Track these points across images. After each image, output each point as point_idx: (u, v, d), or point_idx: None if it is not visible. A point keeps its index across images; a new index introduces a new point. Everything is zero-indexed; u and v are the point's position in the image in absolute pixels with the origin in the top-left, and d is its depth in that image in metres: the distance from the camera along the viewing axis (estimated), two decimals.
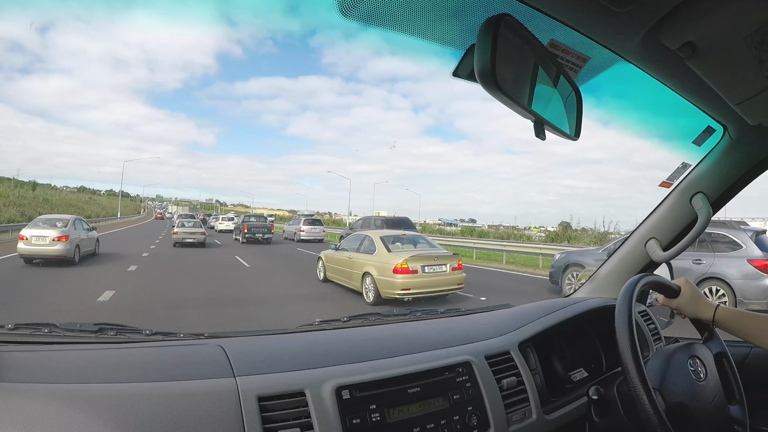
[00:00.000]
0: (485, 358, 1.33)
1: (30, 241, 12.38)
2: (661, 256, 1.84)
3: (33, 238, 12.40)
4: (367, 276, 9.47)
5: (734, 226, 9.33)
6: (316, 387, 1.06)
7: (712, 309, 1.41)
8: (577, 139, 1.08)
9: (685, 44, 0.98)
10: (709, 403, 1.30)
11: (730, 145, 1.65)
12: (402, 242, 10.36)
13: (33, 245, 12.36)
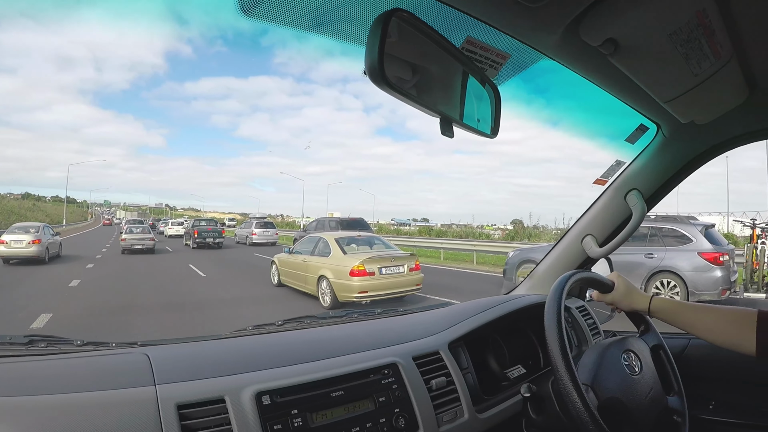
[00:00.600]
0: (413, 358, 1.32)
1: (9, 245, 15.15)
2: (598, 252, 1.88)
3: (12, 242, 15.20)
4: (323, 279, 9.35)
5: (684, 221, 9.76)
6: (236, 393, 1.04)
7: (647, 301, 1.42)
8: (494, 137, 1.07)
9: (606, 41, 0.98)
10: (644, 397, 1.31)
11: (664, 142, 1.69)
12: (357, 244, 10.28)
13: (12, 248, 15.14)
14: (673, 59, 1.06)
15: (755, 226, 11.14)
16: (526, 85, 1.37)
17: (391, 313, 1.82)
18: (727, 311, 1.33)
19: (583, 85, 1.28)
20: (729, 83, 1.27)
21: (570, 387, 1.11)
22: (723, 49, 1.08)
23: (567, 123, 1.75)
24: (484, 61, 1.10)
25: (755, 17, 1.02)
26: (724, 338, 1.29)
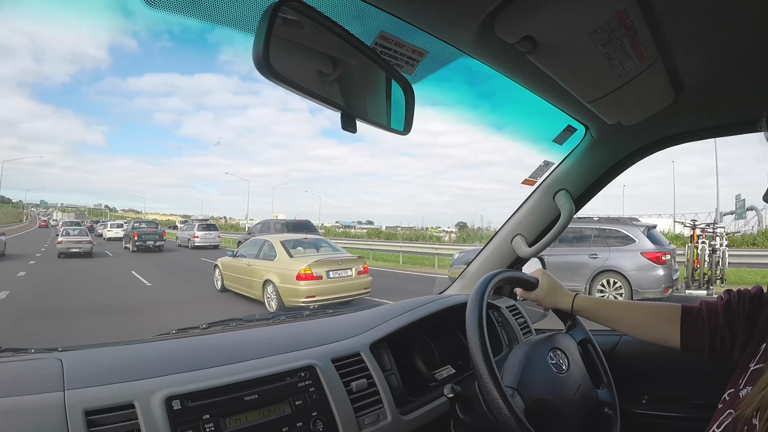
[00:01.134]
0: (332, 360, 1.30)
1: None
2: (527, 251, 1.89)
3: None
4: (269, 284, 9.18)
5: (627, 222, 10.11)
6: (146, 398, 1.00)
7: (571, 299, 1.43)
8: (406, 133, 1.05)
9: (523, 38, 0.97)
10: (573, 394, 1.31)
11: (592, 143, 1.71)
12: (304, 246, 10.13)
13: None
14: (595, 59, 1.06)
15: (695, 226, 11.73)
16: (449, 83, 1.37)
17: (319, 315, 1.80)
18: (651, 307, 1.35)
19: (509, 84, 1.27)
20: (655, 85, 1.28)
21: (494, 393, 1.09)
22: (647, 50, 1.08)
23: (497, 123, 1.78)
24: (400, 57, 1.08)
25: (678, 19, 1.02)
26: (650, 334, 1.31)
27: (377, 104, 1.01)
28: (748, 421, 0.80)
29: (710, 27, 1.04)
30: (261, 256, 9.78)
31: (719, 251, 11.51)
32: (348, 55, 0.92)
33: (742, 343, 1.12)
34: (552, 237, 1.81)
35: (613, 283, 9.68)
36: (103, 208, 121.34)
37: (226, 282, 10.85)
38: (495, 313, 1.84)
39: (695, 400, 1.81)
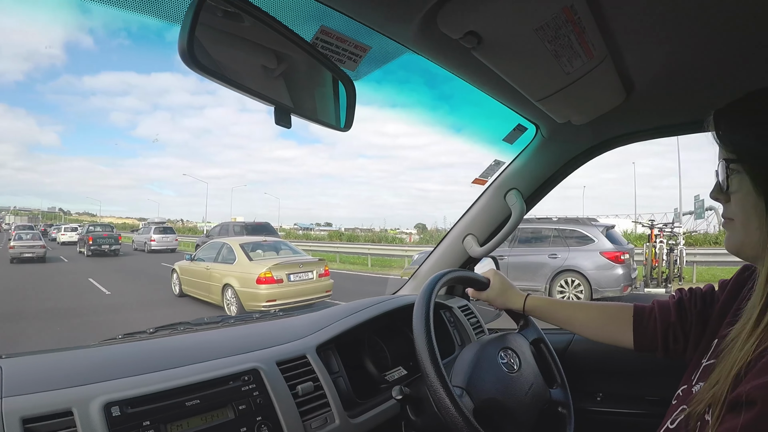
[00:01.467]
0: (277, 364, 1.27)
1: None
2: (478, 251, 1.89)
3: None
4: (228, 288, 9.02)
5: (586, 222, 10.30)
6: (84, 405, 0.97)
7: (522, 299, 1.44)
8: (346, 130, 1.03)
9: (467, 34, 0.95)
10: (524, 393, 1.30)
11: (543, 142, 1.71)
12: (263, 249, 10.03)
13: None
14: (542, 56, 1.05)
15: (653, 226, 12.01)
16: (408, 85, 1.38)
17: (269, 318, 1.77)
18: (603, 307, 1.36)
19: (467, 85, 1.27)
20: (605, 84, 1.28)
21: (441, 393, 1.08)
22: (596, 48, 1.07)
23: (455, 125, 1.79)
24: (342, 53, 1.06)
25: (627, 18, 1.02)
26: (602, 334, 1.32)
27: (315, 100, 1.00)
28: (701, 417, 0.80)
29: (659, 27, 1.04)
30: (220, 260, 9.61)
31: (677, 250, 11.80)
32: (283, 48, 0.90)
33: (694, 340, 1.13)
34: (503, 236, 1.82)
35: (573, 283, 9.83)
36: (57, 211, 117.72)
37: (184, 287, 10.62)
38: (447, 314, 1.83)
39: (650, 397, 1.83)
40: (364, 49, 1.06)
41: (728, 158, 0.84)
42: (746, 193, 0.82)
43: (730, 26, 1.03)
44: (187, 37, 0.70)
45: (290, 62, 0.92)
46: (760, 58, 1.15)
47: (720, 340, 0.93)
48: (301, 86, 0.95)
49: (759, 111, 0.83)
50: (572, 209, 57.20)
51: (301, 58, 0.93)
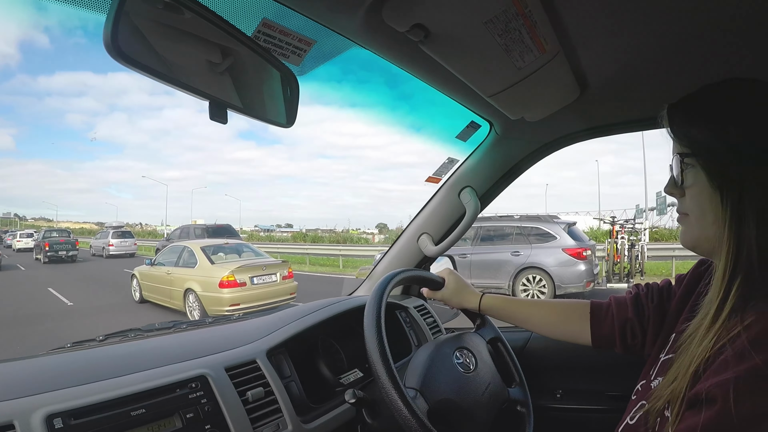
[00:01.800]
0: (226, 369, 1.23)
1: None
2: (433, 250, 1.86)
3: None
4: (190, 293, 8.82)
5: (548, 219, 10.44)
6: (26, 417, 0.93)
7: (478, 298, 1.44)
8: (289, 126, 1.00)
9: (414, 26, 0.92)
10: (481, 393, 1.29)
11: (497, 140, 1.70)
12: (225, 252, 9.87)
13: None
14: (493, 51, 1.03)
15: (614, 222, 12.29)
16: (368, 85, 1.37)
17: (222, 322, 1.73)
18: (559, 305, 1.36)
19: (418, 81, 1.25)
20: (559, 80, 1.26)
21: (393, 395, 1.06)
22: (548, 43, 1.06)
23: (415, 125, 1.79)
24: (285, 47, 1.02)
25: (580, 12, 1.00)
26: (560, 331, 1.32)
27: (254, 95, 0.96)
28: (660, 413, 0.80)
29: (613, 22, 1.03)
30: (181, 264, 9.42)
31: (638, 245, 12.06)
32: (220, 41, 0.86)
33: (652, 335, 1.14)
34: (458, 235, 1.80)
35: (536, 280, 9.94)
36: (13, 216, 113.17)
37: (145, 293, 10.34)
38: (403, 314, 1.81)
39: (610, 392, 1.83)
40: (308, 43, 1.03)
41: (682, 153, 0.84)
42: (701, 187, 0.82)
43: (685, 21, 1.02)
44: (112, 26, 0.66)
45: (227, 55, 0.89)
46: (715, 53, 1.15)
47: (678, 335, 0.93)
48: (239, 81, 0.92)
49: (713, 105, 0.83)
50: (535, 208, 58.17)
51: (238, 51, 0.90)
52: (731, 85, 0.83)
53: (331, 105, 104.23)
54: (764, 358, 0.64)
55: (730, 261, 0.77)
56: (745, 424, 0.63)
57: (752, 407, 0.63)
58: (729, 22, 1.01)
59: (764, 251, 0.75)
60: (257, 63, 0.94)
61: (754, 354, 0.65)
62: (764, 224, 0.75)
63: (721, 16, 0.99)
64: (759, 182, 0.75)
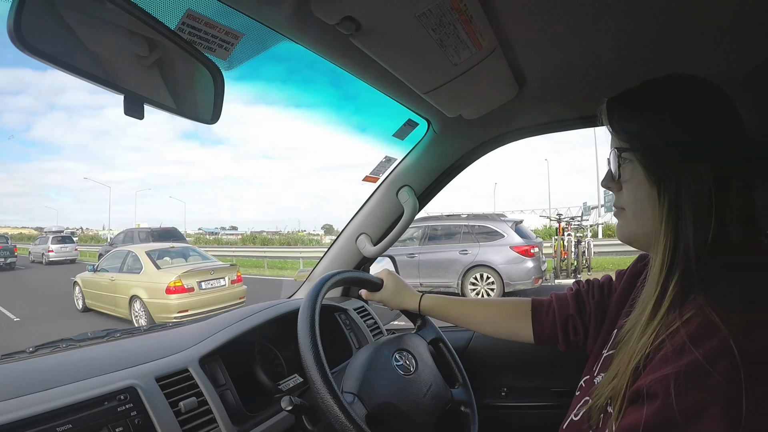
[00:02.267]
0: (156, 379, 1.17)
1: None
2: (371, 250, 1.84)
3: None
4: (136, 300, 8.54)
5: (495, 218, 10.50)
6: None
7: (417, 299, 1.42)
8: (213, 122, 0.96)
9: (344, 19, 0.89)
10: (422, 395, 1.27)
11: (435, 138, 1.67)
12: (171, 256, 9.65)
13: None
14: (427, 45, 1.01)
15: (561, 220, 12.54)
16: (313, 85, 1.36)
17: (157, 329, 1.66)
18: (500, 303, 1.36)
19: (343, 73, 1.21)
20: (496, 77, 1.25)
21: (329, 400, 1.03)
22: (485, 39, 1.04)
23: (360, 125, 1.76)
24: (212, 40, 0.97)
25: (517, 7, 0.98)
26: (501, 330, 1.32)
27: (176, 90, 0.91)
28: (603, 409, 0.80)
29: (550, 19, 1.02)
30: (125, 270, 9.11)
31: (584, 242, 12.37)
32: (139, 31, 0.81)
33: (594, 330, 1.14)
34: (396, 235, 1.79)
35: (484, 278, 10.02)
36: None
37: (89, 300, 9.94)
38: (342, 316, 1.77)
39: (555, 388, 1.84)
40: (235, 36, 0.98)
41: (620, 147, 0.84)
42: (638, 182, 0.82)
43: (623, 20, 1.02)
44: (15, 13, 0.62)
45: (145, 47, 0.84)
46: (654, 51, 1.15)
47: (618, 330, 0.94)
48: (158, 74, 0.87)
49: (652, 99, 0.83)
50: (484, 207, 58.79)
51: (158, 42, 0.85)
52: (670, 81, 0.84)
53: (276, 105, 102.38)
54: (703, 353, 0.64)
55: (667, 256, 0.77)
56: (687, 418, 0.63)
57: (693, 401, 0.63)
58: (668, 20, 1.01)
59: (701, 246, 0.75)
60: (179, 56, 0.89)
61: (693, 348, 0.65)
62: (701, 219, 0.75)
63: (660, 14, 0.99)
64: (695, 177, 0.75)
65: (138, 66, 0.83)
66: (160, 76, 0.87)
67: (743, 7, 0.96)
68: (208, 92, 0.94)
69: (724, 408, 0.61)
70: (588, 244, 12.55)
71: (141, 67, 0.83)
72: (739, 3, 0.95)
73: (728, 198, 0.75)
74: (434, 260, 10.37)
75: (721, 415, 0.60)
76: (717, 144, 0.76)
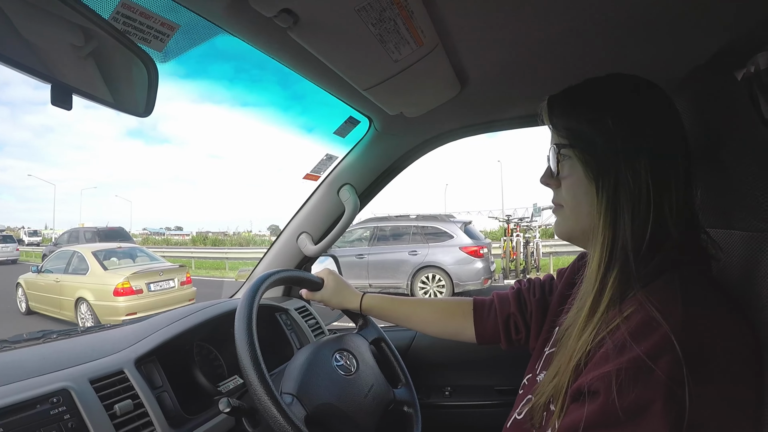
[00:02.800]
0: (90, 381, 1.13)
1: None
2: (312, 249, 1.83)
3: None
4: (82, 302, 8.26)
5: (444, 218, 10.59)
6: None
7: (359, 298, 1.41)
8: (146, 115, 0.93)
9: (282, 12, 0.87)
10: (363, 396, 1.26)
11: (376, 136, 1.66)
12: (119, 257, 9.37)
13: None
14: (367, 41, 0.99)
15: (509, 221, 12.66)
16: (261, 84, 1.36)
17: (95, 330, 1.59)
18: (442, 303, 1.36)
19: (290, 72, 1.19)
20: (438, 75, 1.24)
21: (267, 402, 1.00)
22: (426, 36, 1.02)
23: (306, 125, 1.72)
24: (147, 31, 0.93)
25: (458, 4, 0.97)
26: (444, 330, 1.32)
27: (107, 81, 0.87)
28: (546, 407, 0.81)
29: (492, 16, 1.01)
30: (70, 271, 8.81)
31: (533, 242, 12.53)
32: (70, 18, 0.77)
33: (535, 329, 1.15)
34: (337, 233, 1.78)
35: (434, 278, 10.09)
36: None
37: (32, 303, 9.59)
38: (283, 316, 1.73)
39: (499, 387, 1.84)
40: (171, 27, 0.95)
41: (560, 143, 0.84)
42: (577, 178, 0.82)
43: (565, 19, 1.02)
44: None
45: (80, 38, 0.80)
46: (596, 51, 1.16)
47: (559, 328, 0.93)
48: (89, 64, 0.84)
49: (593, 97, 0.83)
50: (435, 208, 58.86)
51: (89, 31, 0.81)
52: (612, 80, 0.84)
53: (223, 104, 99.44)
54: (644, 349, 0.64)
55: (605, 252, 0.77)
56: (629, 414, 0.63)
57: (635, 398, 0.62)
58: (610, 21, 1.02)
59: (639, 242, 0.75)
60: (114, 47, 0.85)
61: (635, 345, 0.65)
62: (639, 216, 0.75)
63: (602, 15, 1.00)
64: (634, 174, 0.75)
65: (71, 55, 0.81)
66: (95, 67, 0.84)
67: (684, 9, 0.98)
68: (141, 85, 0.91)
69: (666, 403, 0.61)
70: (536, 244, 12.73)
71: (75, 57, 0.81)
72: (681, 5, 0.96)
73: (667, 195, 0.76)
74: (383, 261, 10.39)
75: (664, 411, 0.61)
76: (656, 142, 0.77)
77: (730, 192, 0.83)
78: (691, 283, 0.71)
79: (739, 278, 0.80)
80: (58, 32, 0.77)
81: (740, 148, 0.81)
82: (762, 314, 0.72)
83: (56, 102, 0.74)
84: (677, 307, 0.66)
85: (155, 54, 0.92)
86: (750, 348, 0.68)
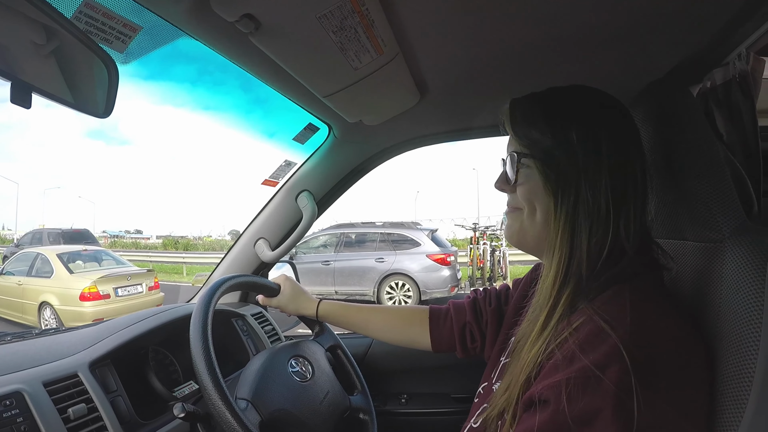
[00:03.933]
0: (44, 384, 1.11)
1: None
2: (269, 255, 1.83)
3: None
4: (46, 306, 8.01)
5: (411, 226, 10.60)
6: None
7: (315, 305, 1.42)
8: (105, 116, 0.92)
9: (244, 17, 0.88)
10: (318, 403, 1.27)
11: (335, 143, 1.66)
12: (84, 260, 9.04)
13: None
14: (327, 48, 1.00)
15: (476, 229, 12.62)
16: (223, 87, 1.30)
17: (50, 333, 1.55)
18: (398, 310, 1.37)
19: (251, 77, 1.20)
20: (397, 84, 1.24)
21: (221, 407, 1.01)
22: (386, 45, 1.03)
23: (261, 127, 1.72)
24: (109, 32, 0.93)
25: (419, 14, 0.98)
26: (399, 337, 1.33)
27: (67, 80, 0.87)
28: (500, 416, 0.81)
29: (453, 27, 1.02)
30: (34, 273, 8.52)
31: (499, 251, 12.52)
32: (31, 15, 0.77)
33: (491, 338, 1.16)
34: (295, 240, 1.78)
35: (401, 286, 10.11)
36: None
37: None
38: (240, 322, 1.73)
39: (456, 395, 1.86)
40: (133, 29, 0.94)
41: (520, 152, 0.83)
42: (534, 186, 0.82)
43: (524, 32, 1.03)
44: None
45: (42, 36, 0.80)
46: (557, 62, 1.16)
47: (514, 339, 0.94)
48: (55, 64, 0.84)
49: (556, 109, 0.82)
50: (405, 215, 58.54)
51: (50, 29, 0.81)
52: (576, 92, 0.84)
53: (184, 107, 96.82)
54: (594, 359, 0.64)
55: (561, 269, 0.77)
56: (579, 422, 0.63)
57: (584, 406, 0.63)
58: (570, 32, 1.03)
59: (595, 261, 0.75)
60: (75, 46, 0.85)
61: (583, 356, 0.65)
62: (597, 233, 0.75)
63: (562, 26, 1.01)
64: (594, 191, 0.75)
65: (32, 54, 0.80)
66: (56, 66, 0.84)
67: (641, 25, 1.00)
68: (101, 85, 0.90)
69: (615, 412, 0.61)
70: (503, 253, 12.75)
71: (36, 55, 0.81)
72: (637, 21, 0.98)
73: (625, 210, 0.76)
74: (350, 268, 10.39)
75: (613, 419, 0.62)
76: (617, 159, 0.77)
77: (683, 204, 0.85)
78: (641, 293, 0.72)
79: (691, 288, 0.83)
80: (19, 29, 0.77)
81: (693, 161, 0.83)
82: (713, 322, 0.74)
83: (15, 100, 0.74)
84: (626, 317, 0.67)
85: (117, 55, 0.92)
86: (699, 356, 0.70)
